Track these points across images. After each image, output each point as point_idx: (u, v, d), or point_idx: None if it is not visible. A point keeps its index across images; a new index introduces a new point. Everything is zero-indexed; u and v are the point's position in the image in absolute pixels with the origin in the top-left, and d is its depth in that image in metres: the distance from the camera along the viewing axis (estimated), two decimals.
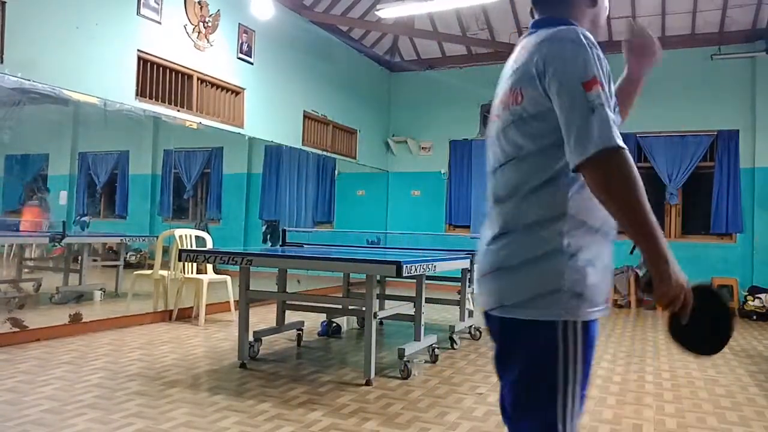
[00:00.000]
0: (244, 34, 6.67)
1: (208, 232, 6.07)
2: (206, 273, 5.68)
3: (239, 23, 6.59)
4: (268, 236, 7.63)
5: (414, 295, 4.38)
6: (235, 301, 5.50)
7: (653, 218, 1.26)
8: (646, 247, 1.32)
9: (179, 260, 4.93)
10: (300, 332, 4.79)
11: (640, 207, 1.23)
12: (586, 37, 1.43)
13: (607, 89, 1.34)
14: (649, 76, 1.73)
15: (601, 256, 1.41)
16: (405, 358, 3.82)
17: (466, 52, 9.41)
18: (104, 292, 6.11)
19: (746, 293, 7.35)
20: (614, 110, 1.33)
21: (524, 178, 1.35)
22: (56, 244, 5.86)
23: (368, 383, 3.60)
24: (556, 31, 1.44)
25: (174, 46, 5.74)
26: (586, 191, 1.29)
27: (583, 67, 1.37)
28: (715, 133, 7.98)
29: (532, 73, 1.41)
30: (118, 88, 5.19)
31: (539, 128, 1.35)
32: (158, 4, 5.53)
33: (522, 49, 1.56)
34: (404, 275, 3.40)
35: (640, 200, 1.23)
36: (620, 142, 1.23)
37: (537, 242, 1.32)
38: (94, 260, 6.62)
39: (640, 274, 1.42)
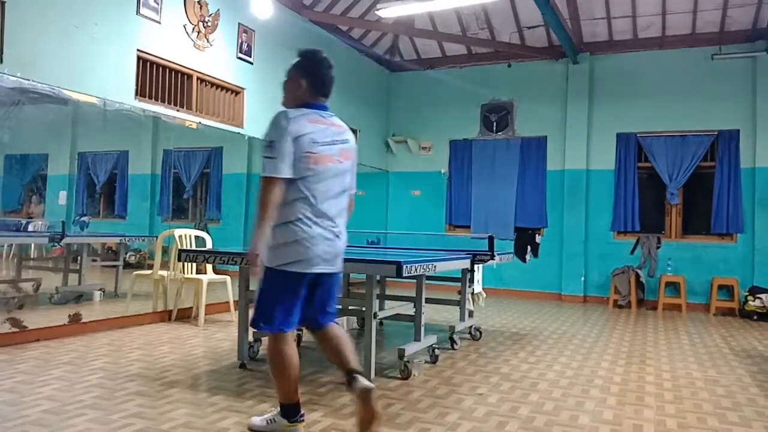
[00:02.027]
0: (243, 34, 6.66)
1: (208, 232, 6.06)
2: (206, 273, 5.67)
3: (239, 23, 6.58)
4: None
5: (414, 295, 4.38)
6: (234, 301, 5.49)
7: (266, 217, 2.45)
8: (255, 230, 2.47)
9: (179, 260, 4.93)
10: (300, 332, 4.78)
11: (264, 213, 2.46)
12: None
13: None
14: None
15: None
16: (405, 359, 3.81)
17: (466, 52, 9.40)
18: (104, 292, 6.10)
19: (747, 293, 7.34)
20: None
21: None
22: (56, 244, 5.85)
23: None
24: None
25: (174, 45, 5.73)
26: None
27: None
28: (716, 133, 7.98)
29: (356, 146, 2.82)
30: (118, 87, 5.18)
31: None
32: (158, 4, 5.53)
33: (339, 125, 2.73)
34: (404, 275, 3.40)
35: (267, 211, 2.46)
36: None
37: None
38: (94, 260, 6.61)
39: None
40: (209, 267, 5.60)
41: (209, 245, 5.76)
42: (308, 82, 2.64)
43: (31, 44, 4.46)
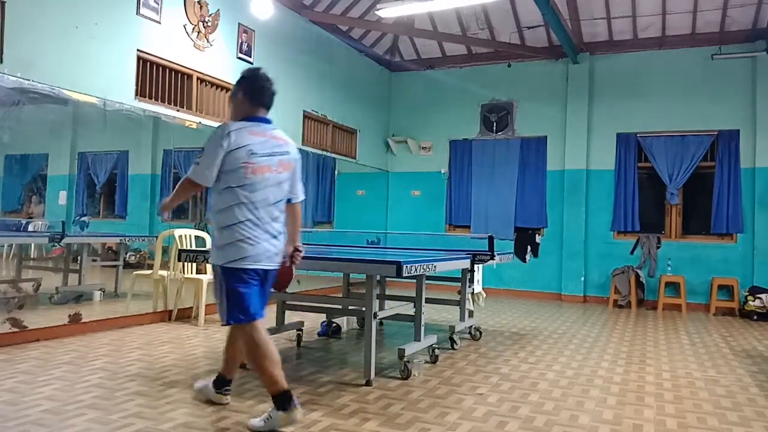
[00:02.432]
0: (243, 34, 6.66)
1: (208, 232, 6.06)
2: (206, 273, 5.67)
3: (239, 23, 6.58)
4: None
5: (414, 295, 4.38)
6: None
7: (176, 199, 3.00)
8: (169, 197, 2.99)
9: (179, 260, 4.94)
10: (300, 332, 4.78)
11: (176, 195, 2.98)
12: None
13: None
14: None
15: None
16: (405, 359, 3.81)
17: (466, 52, 9.40)
18: (104, 292, 6.11)
19: (747, 293, 7.34)
20: None
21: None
22: (56, 244, 5.85)
23: (368, 383, 3.59)
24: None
25: (174, 45, 5.73)
26: None
27: None
28: (716, 133, 7.98)
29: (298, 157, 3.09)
30: (118, 87, 5.18)
31: None
32: (158, 4, 5.53)
33: (280, 138, 3.01)
34: (404, 275, 3.40)
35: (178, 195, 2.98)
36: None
37: None
38: (94, 260, 6.61)
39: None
40: (209, 267, 5.59)
41: (209, 245, 5.76)
42: (248, 96, 2.94)
43: (31, 44, 4.46)
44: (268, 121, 2.98)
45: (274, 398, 2.80)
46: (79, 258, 6.09)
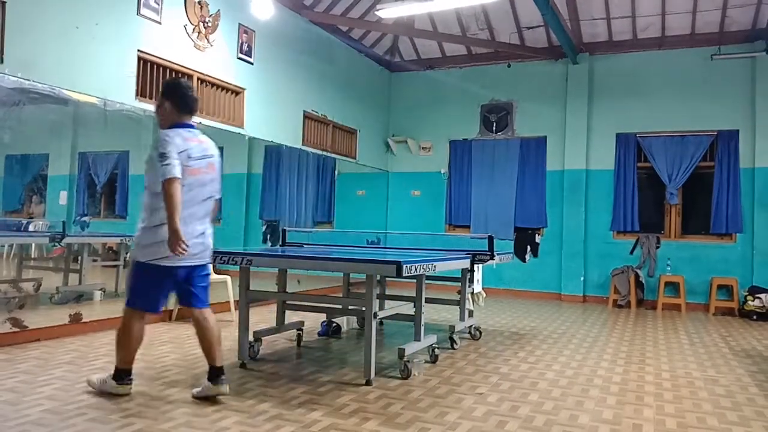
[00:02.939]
0: (244, 34, 6.67)
1: None
2: None
3: (239, 23, 6.59)
4: (268, 236, 7.62)
5: (414, 295, 4.38)
6: (235, 301, 5.50)
7: (177, 214, 2.93)
8: (170, 222, 2.95)
9: None
10: (300, 332, 4.79)
11: (173, 208, 2.93)
12: None
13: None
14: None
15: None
16: (405, 358, 3.82)
17: (466, 52, 9.41)
18: (104, 292, 6.10)
19: (746, 293, 7.35)
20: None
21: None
22: (56, 244, 5.85)
23: (368, 383, 3.60)
24: None
25: (174, 46, 5.74)
26: None
27: None
28: (715, 133, 7.99)
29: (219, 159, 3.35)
30: (118, 88, 5.19)
31: None
32: (158, 4, 5.53)
33: (206, 141, 3.29)
34: (404, 275, 3.41)
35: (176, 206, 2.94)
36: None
37: None
38: (94, 260, 6.61)
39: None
40: (209, 267, 5.59)
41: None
42: (172, 105, 3.19)
43: (32, 44, 4.46)
44: (193, 127, 3.27)
45: (116, 370, 3.20)
46: (79, 258, 6.09)
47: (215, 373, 3.21)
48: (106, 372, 3.35)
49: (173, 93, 3.22)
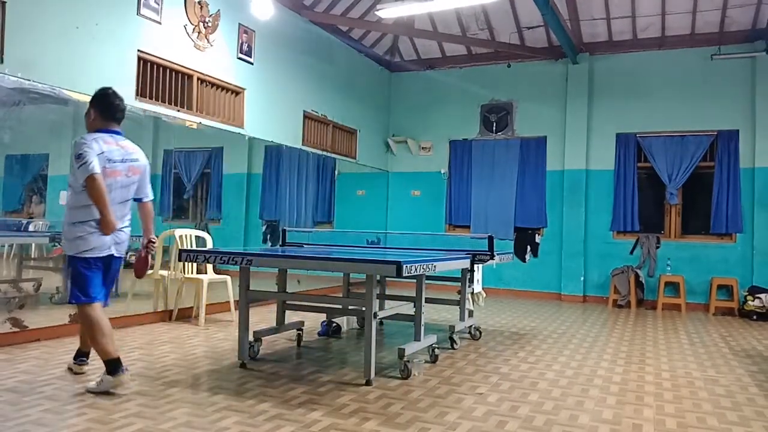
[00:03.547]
0: (244, 34, 6.67)
1: (209, 232, 6.07)
2: (206, 273, 5.68)
3: (239, 23, 6.59)
4: (268, 236, 7.63)
5: (414, 295, 4.38)
6: (235, 301, 5.50)
7: (107, 205, 3.23)
8: (102, 214, 3.25)
9: (179, 260, 4.94)
10: (300, 332, 4.79)
11: (102, 201, 3.22)
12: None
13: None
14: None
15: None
16: (405, 358, 3.82)
17: (466, 52, 9.41)
18: None
19: (746, 293, 7.35)
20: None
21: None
22: (56, 244, 5.85)
23: (368, 383, 3.60)
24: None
25: (174, 46, 5.74)
26: None
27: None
28: (715, 133, 7.99)
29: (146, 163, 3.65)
30: (118, 88, 5.14)
31: None
32: (158, 4, 5.53)
33: (130, 147, 3.55)
34: (404, 275, 3.40)
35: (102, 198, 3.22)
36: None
37: None
38: None
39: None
40: (209, 267, 5.60)
41: (209, 245, 5.77)
42: (97, 112, 3.47)
43: (32, 44, 4.46)
44: (119, 133, 3.52)
45: (105, 364, 3.28)
46: None
47: (115, 366, 3.28)
48: (99, 372, 3.39)
49: (99, 101, 3.50)
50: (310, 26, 7.89)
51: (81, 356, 3.70)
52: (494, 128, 9.22)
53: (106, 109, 3.49)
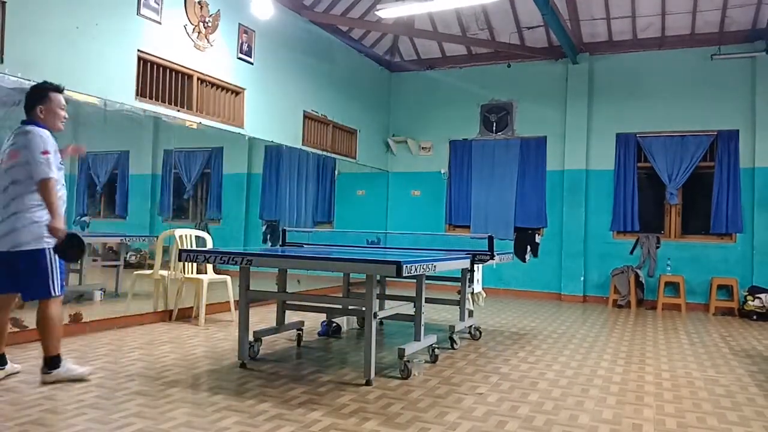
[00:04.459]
0: (244, 34, 6.67)
1: (208, 232, 6.06)
2: (206, 273, 5.68)
3: (239, 23, 6.59)
4: (268, 236, 7.63)
5: (414, 295, 4.38)
6: (235, 301, 5.50)
7: (59, 207, 3.34)
8: (53, 217, 3.31)
9: (179, 260, 4.94)
10: (300, 332, 4.79)
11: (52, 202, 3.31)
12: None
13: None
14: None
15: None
16: (405, 358, 3.82)
17: (466, 52, 9.41)
18: (104, 292, 6.11)
19: (746, 293, 7.35)
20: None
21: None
22: None
23: (368, 383, 3.60)
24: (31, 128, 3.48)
25: (174, 46, 5.74)
26: None
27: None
28: (715, 133, 7.99)
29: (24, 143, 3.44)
30: (118, 88, 5.19)
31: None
32: (158, 4, 5.53)
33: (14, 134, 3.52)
34: (404, 275, 3.40)
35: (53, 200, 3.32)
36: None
37: None
38: (94, 260, 6.61)
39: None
40: (210, 267, 5.60)
41: (210, 245, 5.77)
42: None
43: (32, 44, 4.47)
44: (27, 124, 3.51)
45: (51, 359, 3.42)
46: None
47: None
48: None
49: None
50: (310, 26, 7.89)
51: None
52: (494, 128, 9.22)
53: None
